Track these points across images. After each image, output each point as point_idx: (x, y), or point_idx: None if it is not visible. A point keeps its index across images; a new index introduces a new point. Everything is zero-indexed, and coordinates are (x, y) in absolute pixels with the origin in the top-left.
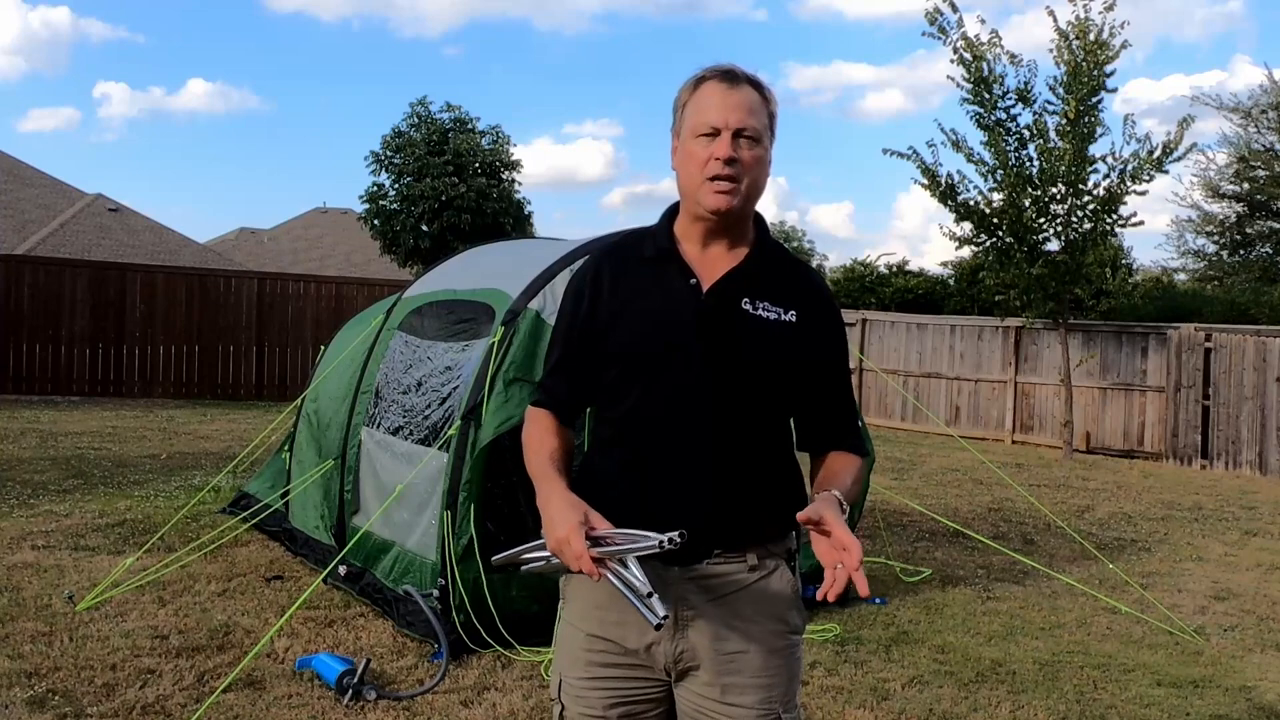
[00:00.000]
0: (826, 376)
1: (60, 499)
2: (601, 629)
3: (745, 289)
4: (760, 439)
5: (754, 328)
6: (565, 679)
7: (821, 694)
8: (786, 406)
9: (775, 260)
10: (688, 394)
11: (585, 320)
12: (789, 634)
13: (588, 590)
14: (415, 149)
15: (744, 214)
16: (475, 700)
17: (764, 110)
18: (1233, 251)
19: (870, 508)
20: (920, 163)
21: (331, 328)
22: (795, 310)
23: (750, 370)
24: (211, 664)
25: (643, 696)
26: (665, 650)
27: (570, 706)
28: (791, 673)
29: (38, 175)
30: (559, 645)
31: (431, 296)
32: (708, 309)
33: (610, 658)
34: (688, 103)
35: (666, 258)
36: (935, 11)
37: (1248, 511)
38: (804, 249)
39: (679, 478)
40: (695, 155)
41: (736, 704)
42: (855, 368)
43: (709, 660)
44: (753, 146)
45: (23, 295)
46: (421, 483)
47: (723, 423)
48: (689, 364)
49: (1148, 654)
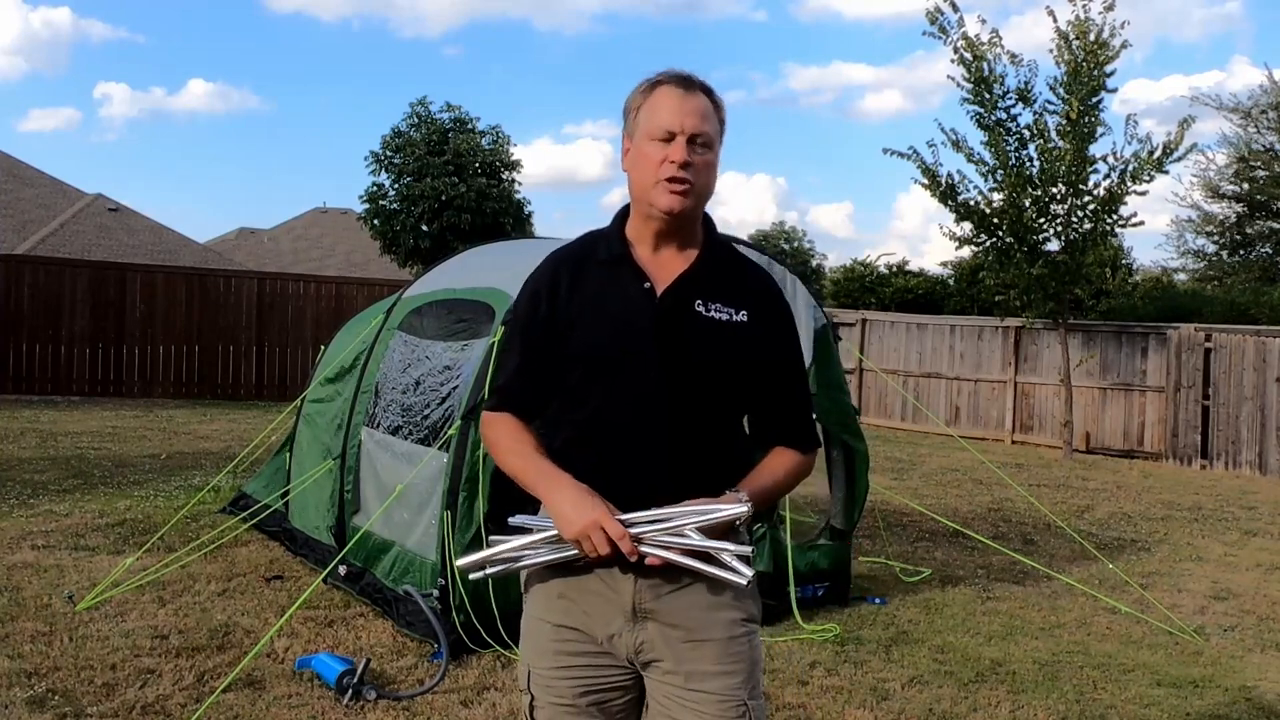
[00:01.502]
0: (777, 375)
1: (60, 499)
2: (567, 618)
3: (697, 291)
4: (714, 438)
5: (707, 329)
6: (534, 670)
7: (821, 694)
8: (739, 405)
9: (725, 261)
10: (646, 396)
11: (545, 323)
12: (745, 622)
13: (551, 584)
14: (415, 149)
15: (694, 215)
16: (475, 700)
17: (715, 117)
18: (1233, 251)
19: (870, 508)
20: (920, 163)
21: (331, 328)
22: (746, 310)
23: (705, 371)
24: (211, 664)
25: (610, 684)
26: (626, 641)
27: (540, 696)
28: (753, 660)
29: (38, 175)
30: (525, 638)
31: (431, 297)
32: (662, 313)
33: (577, 646)
34: (641, 106)
35: (620, 261)
36: (936, 11)
37: (1247, 511)
38: (804, 249)
39: (640, 477)
40: (650, 157)
41: (701, 690)
42: (855, 368)
43: (669, 651)
44: (705, 152)
45: (23, 295)
46: (421, 483)
47: (678, 423)
48: (646, 367)
49: (1148, 654)
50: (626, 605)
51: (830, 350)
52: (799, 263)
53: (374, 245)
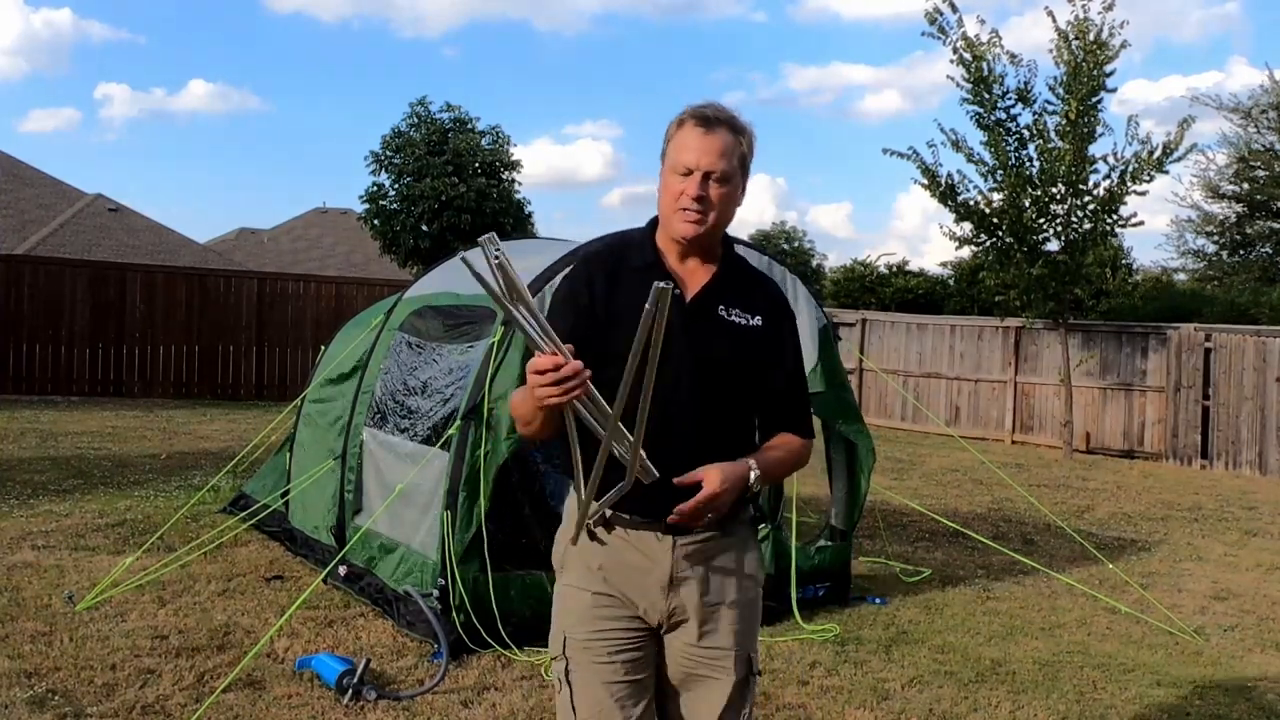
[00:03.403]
0: (785, 371)
1: (60, 499)
2: (607, 587)
3: (720, 298)
4: (733, 421)
5: (729, 330)
6: (570, 636)
7: (821, 694)
8: (753, 395)
9: (742, 274)
10: (676, 389)
11: (586, 313)
12: (755, 586)
13: (591, 558)
14: (415, 149)
15: (711, 239)
16: (475, 700)
17: (735, 152)
18: (1233, 251)
19: (870, 508)
20: (920, 163)
21: (331, 328)
22: (760, 316)
23: (726, 365)
24: (211, 664)
25: (638, 645)
26: (661, 609)
27: (577, 657)
28: (755, 617)
29: (38, 175)
30: (560, 607)
31: (433, 298)
32: (691, 315)
33: (615, 612)
34: (672, 138)
35: (652, 268)
36: (935, 11)
37: (1248, 511)
38: (804, 249)
39: (671, 454)
40: (671, 188)
41: (716, 647)
42: (855, 368)
43: (695, 612)
44: (721, 185)
45: (23, 295)
46: (426, 482)
47: (704, 413)
48: (680, 361)
49: (1148, 654)
50: (664, 576)
51: (833, 349)
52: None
53: (374, 245)
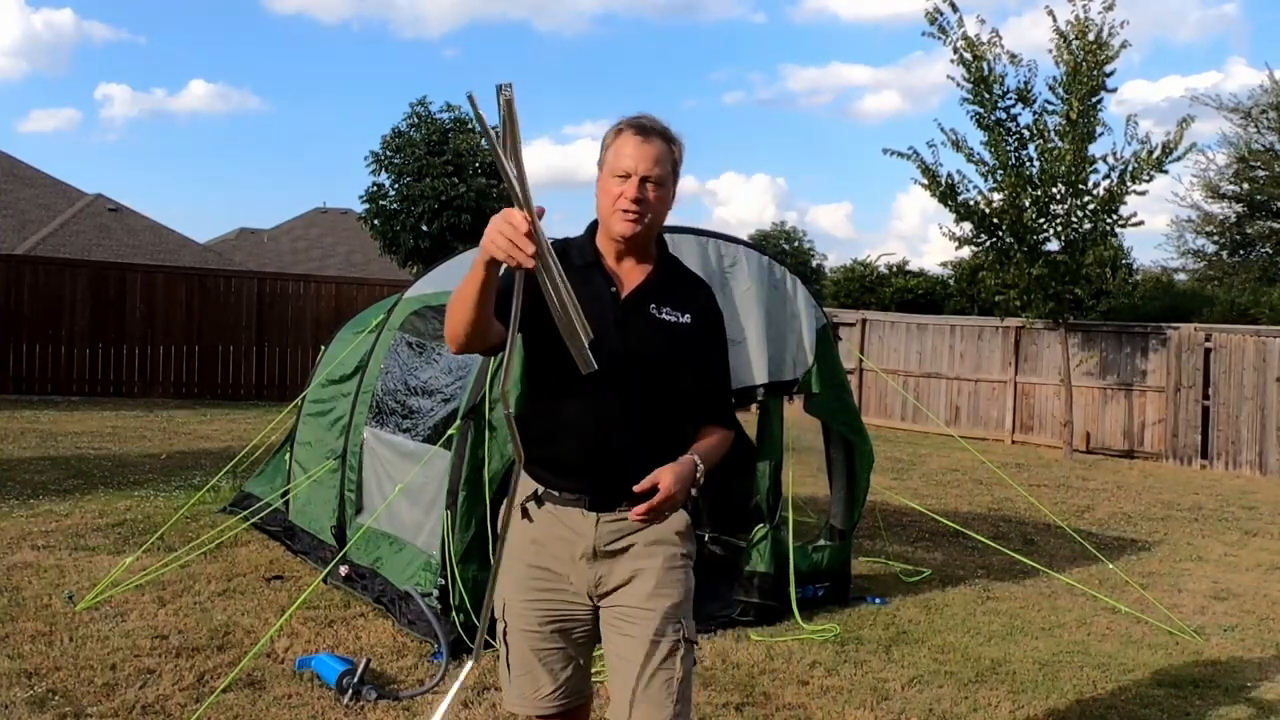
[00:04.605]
0: (710, 367)
1: (60, 499)
2: (538, 559)
3: (652, 297)
4: (661, 416)
5: (659, 327)
6: (509, 602)
7: (821, 694)
8: (681, 388)
9: (675, 274)
10: (611, 378)
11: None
12: (682, 557)
13: (526, 531)
14: (415, 149)
15: (647, 238)
16: (475, 700)
17: (668, 159)
18: (1233, 251)
19: (870, 508)
20: (920, 163)
21: (331, 328)
22: (689, 314)
23: (657, 360)
24: (211, 664)
25: (572, 617)
26: (587, 577)
27: (512, 623)
28: (687, 587)
29: (38, 175)
30: (503, 575)
31: (433, 298)
32: (625, 311)
33: (546, 584)
34: (610, 145)
35: (592, 267)
36: (935, 11)
37: (1248, 511)
38: (804, 249)
39: (609, 437)
40: (610, 191)
41: (644, 607)
42: (855, 368)
43: (621, 577)
44: (657, 188)
45: (23, 295)
46: (430, 482)
47: (636, 402)
48: (613, 352)
49: (1148, 654)
50: (588, 546)
51: (832, 349)
52: (799, 263)
53: (374, 245)
